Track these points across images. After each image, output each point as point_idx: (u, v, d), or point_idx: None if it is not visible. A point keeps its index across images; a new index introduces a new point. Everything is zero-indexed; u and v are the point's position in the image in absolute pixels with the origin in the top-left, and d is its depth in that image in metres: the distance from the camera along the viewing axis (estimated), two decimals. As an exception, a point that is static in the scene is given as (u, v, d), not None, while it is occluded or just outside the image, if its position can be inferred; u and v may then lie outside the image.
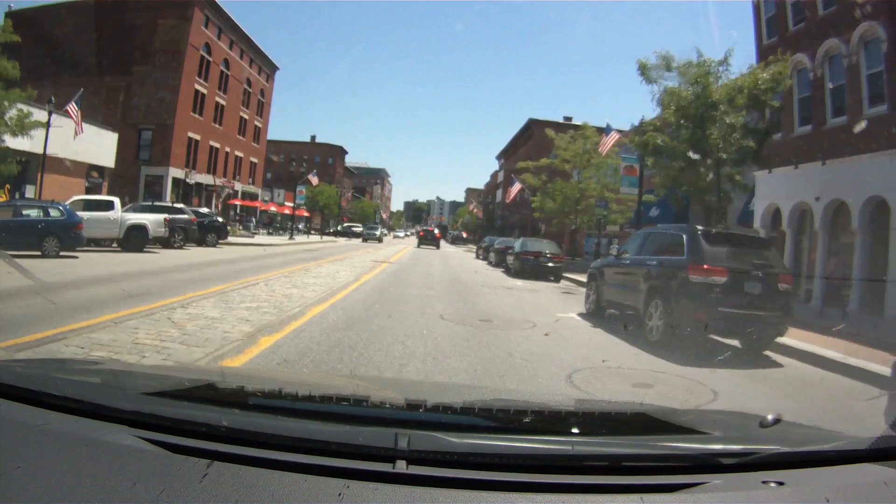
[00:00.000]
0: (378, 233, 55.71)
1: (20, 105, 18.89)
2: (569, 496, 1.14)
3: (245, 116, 50.75)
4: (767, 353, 8.11)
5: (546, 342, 7.45)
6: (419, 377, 5.05)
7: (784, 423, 1.54)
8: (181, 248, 21.38)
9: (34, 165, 21.87)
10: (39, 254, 14.32)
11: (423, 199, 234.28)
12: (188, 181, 40.54)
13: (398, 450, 1.19)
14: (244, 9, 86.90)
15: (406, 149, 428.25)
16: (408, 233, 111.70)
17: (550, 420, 1.75)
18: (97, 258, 15.56)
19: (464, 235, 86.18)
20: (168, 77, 38.96)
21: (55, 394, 1.41)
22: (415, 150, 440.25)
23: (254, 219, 52.80)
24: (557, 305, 12.51)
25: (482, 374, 5.39)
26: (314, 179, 48.62)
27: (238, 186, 50.32)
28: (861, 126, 13.08)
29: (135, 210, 20.96)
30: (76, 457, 1.17)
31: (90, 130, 27.42)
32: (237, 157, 49.96)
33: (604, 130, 22.76)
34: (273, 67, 56.38)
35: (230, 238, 29.19)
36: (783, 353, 8.08)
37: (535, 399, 2.77)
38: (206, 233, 24.81)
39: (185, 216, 22.39)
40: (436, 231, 52.78)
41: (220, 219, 28.13)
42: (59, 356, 4.51)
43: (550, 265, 20.51)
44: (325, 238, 53.15)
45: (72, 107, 21.18)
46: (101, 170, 30.77)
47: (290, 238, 41.84)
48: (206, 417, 1.34)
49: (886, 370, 6.05)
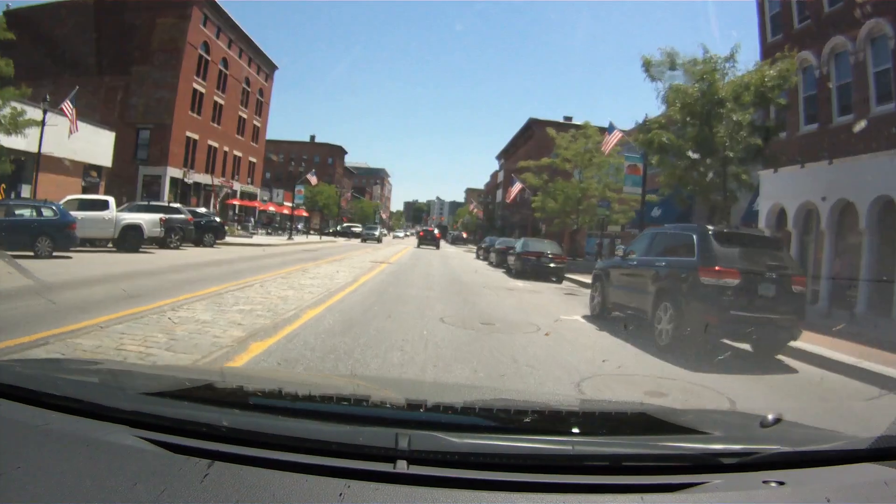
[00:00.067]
0: (377, 233, 54.97)
1: (14, 103, 18.70)
2: (569, 496, 1.13)
3: (244, 116, 50.50)
4: (779, 357, 7.88)
5: (551, 346, 7.20)
6: None
7: (784, 423, 1.56)
8: (177, 249, 21.13)
9: (30, 164, 21.61)
10: (32, 254, 14.07)
11: (423, 200, 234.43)
12: (186, 181, 40.31)
13: (399, 450, 1.19)
14: (243, 8, 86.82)
15: (406, 149, 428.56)
16: (408, 233, 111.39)
17: (551, 420, 1.75)
18: (91, 258, 15.33)
19: (464, 236, 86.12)
20: (166, 76, 38.77)
21: (55, 394, 1.41)
22: (415, 150, 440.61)
23: (252, 219, 52.55)
24: (561, 307, 12.25)
25: (485, 382, 5.19)
26: (313, 179, 48.32)
27: (237, 186, 50.06)
28: (861, 126, 12.95)
29: (130, 210, 20.72)
30: (76, 457, 1.16)
31: (87, 129, 27.20)
32: (236, 157, 49.70)
33: (606, 129, 22.49)
34: (272, 67, 56.14)
35: (228, 238, 29.01)
36: (795, 357, 7.85)
37: (536, 399, 2.74)
38: (204, 233, 24.58)
39: (182, 216, 22.12)
40: (436, 231, 52.77)
41: (218, 219, 27.86)
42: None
43: (552, 266, 20.30)
44: (325, 238, 52.89)
45: (66, 105, 20.89)
46: (98, 169, 30.54)
47: (289, 238, 41.58)
48: (207, 417, 1.34)
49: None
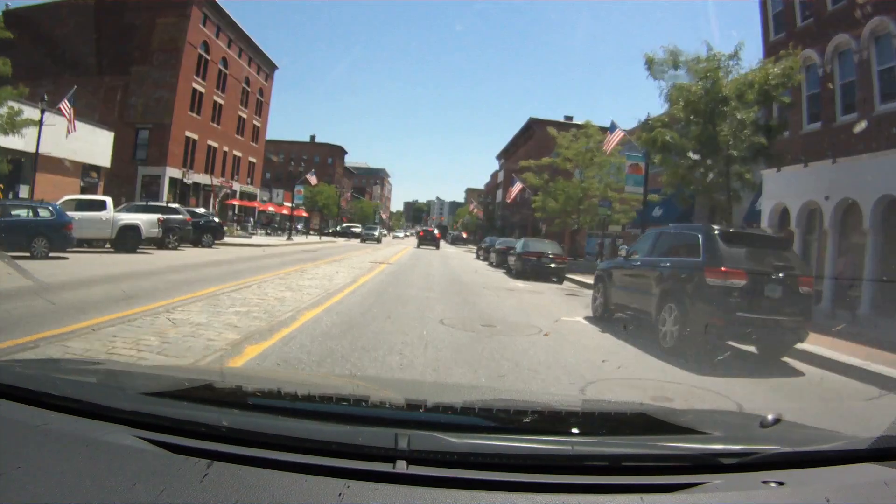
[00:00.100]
0: (377, 233, 54.65)
1: (11, 103, 18.56)
2: (569, 496, 1.13)
3: (243, 116, 50.35)
4: (785, 360, 7.73)
5: (553, 349, 7.04)
6: None
7: (784, 423, 1.55)
8: (175, 249, 20.98)
9: (28, 165, 21.47)
10: (28, 255, 13.93)
11: (423, 200, 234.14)
12: (185, 181, 40.17)
13: (398, 450, 1.18)
14: (243, 8, 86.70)
15: (406, 149, 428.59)
16: (407, 233, 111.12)
17: (550, 420, 1.74)
18: (88, 259, 15.19)
19: (464, 236, 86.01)
20: (165, 76, 38.64)
21: (55, 394, 1.40)
22: (415, 150, 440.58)
23: (252, 219, 52.39)
24: (562, 308, 12.10)
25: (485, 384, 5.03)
26: (312, 179, 48.13)
27: (236, 186, 49.90)
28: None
29: (128, 210, 20.58)
30: (76, 457, 1.16)
31: (85, 129, 27.06)
32: (235, 157, 49.55)
33: (607, 129, 22.32)
34: (272, 66, 55.98)
35: (227, 238, 28.85)
36: (800, 359, 7.70)
37: (536, 399, 2.75)
38: (202, 233, 24.41)
39: (180, 216, 21.96)
40: (436, 231, 52.68)
41: (217, 219, 27.71)
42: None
43: (553, 266, 20.14)
44: (324, 238, 52.74)
45: (64, 104, 20.74)
46: (97, 169, 30.40)
47: (289, 238, 41.41)
48: (206, 417, 1.34)
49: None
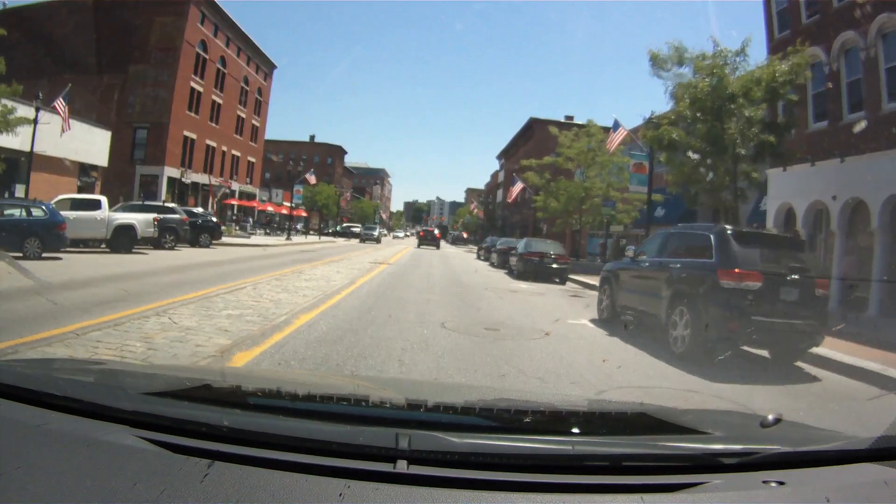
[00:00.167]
0: (376, 233, 54.19)
1: (5, 101, 18.30)
2: (569, 496, 1.12)
3: (242, 115, 50.10)
4: (799, 365, 7.45)
5: (561, 355, 6.76)
6: None
7: (784, 423, 1.55)
8: (172, 249, 20.74)
9: (24, 164, 21.19)
10: (21, 255, 13.68)
11: (423, 200, 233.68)
12: (184, 180, 39.93)
13: (399, 450, 1.18)
14: (242, 7, 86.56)
15: (406, 149, 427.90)
16: (408, 233, 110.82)
17: (551, 420, 1.74)
18: (81, 260, 14.91)
19: (464, 236, 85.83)
20: (163, 75, 38.44)
21: (55, 394, 1.40)
22: (415, 150, 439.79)
23: (251, 219, 52.13)
24: (567, 311, 11.79)
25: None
26: (311, 178, 47.85)
27: (235, 186, 49.65)
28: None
29: (124, 209, 20.31)
30: (76, 457, 1.15)
31: (82, 128, 26.80)
32: (234, 157, 49.31)
33: (611, 128, 22.01)
34: (271, 66, 55.74)
35: (225, 238, 28.62)
36: (814, 364, 7.42)
37: (536, 399, 2.75)
38: (199, 233, 24.19)
39: (177, 216, 21.70)
40: (436, 231, 52.52)
41: (215, 219, 27.44)
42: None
43: (555, 267, 19.84)
44: (324, 238, 52.46)
45: (59, 103, 20.47)
46: (94, 168, 30.13)
47: (287, 239, 41.14)
48: (207, 417, 1.33)
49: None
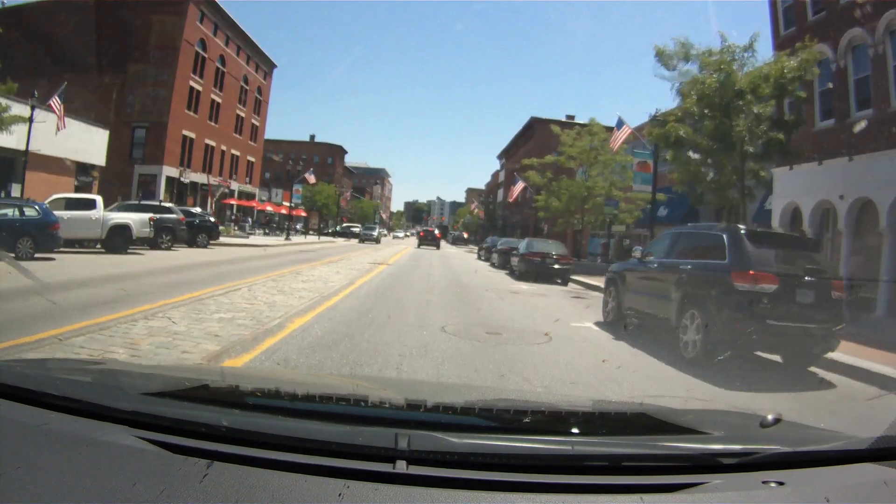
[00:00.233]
0: (376, 233, 53.67)
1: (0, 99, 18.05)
2: (569, 496, 1.12)
3: (242, 114, 49.84)
4: (813, 370, 7.16)
5: (566, 361, 6.46)
6: None
7: (784, 423, 1.54)
8: (169, 250, 20.43)
9: (20, 163, 20.93)
10: (13, 256, 13.40)
11: (424, 200, 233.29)
12: (183, 180, 39.67)
13: (398, 450, 1.17)
14: (242, 6, 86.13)
15: (406, 149, 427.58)
16: (408, 233, 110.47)
17: (551, 420, 1.72)
18: (75, 260, 14.63)
19: (465, 236, 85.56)
20: (162, 74, 38.20)
21: (55, 394, 1.39)
22: (415, 150, 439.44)
23: (250, 219, 51.83)
24: (570, 313, 11.50)
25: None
26: (311, 178, 47.58)
27: (234, 186, 49.38)
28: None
29: (120, 209, 20.00)
30: (76, 457, 1.15)
31: (79, 127, 26.54)
32: (234, 156, 49.03)
33: (613, 126, 21.72)
34: (271, 65, 55.46)
35: (223, 238, 28.34)
36: (828, 369, 7.14)
37: (536, 399, 2.73)
38: (197, 233, 23.87)
39: (174, 216, 21.38)
40: (436, 231, 52.28)
41: (212, 218, 27.15)
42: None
43: (557, 267, 19.52)
44: (324, 238, 52.13)
45: (54, 101, 20.20)
46: (92, 168, 29.85)
47: (286, 239, 40.84)
48: (206, 417, 1.32)
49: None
